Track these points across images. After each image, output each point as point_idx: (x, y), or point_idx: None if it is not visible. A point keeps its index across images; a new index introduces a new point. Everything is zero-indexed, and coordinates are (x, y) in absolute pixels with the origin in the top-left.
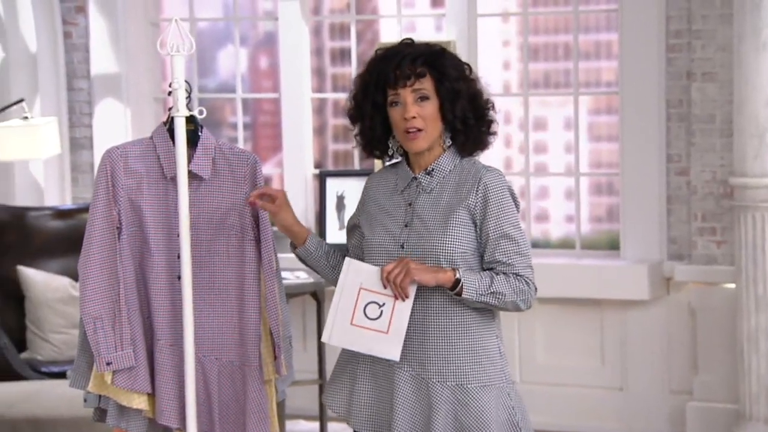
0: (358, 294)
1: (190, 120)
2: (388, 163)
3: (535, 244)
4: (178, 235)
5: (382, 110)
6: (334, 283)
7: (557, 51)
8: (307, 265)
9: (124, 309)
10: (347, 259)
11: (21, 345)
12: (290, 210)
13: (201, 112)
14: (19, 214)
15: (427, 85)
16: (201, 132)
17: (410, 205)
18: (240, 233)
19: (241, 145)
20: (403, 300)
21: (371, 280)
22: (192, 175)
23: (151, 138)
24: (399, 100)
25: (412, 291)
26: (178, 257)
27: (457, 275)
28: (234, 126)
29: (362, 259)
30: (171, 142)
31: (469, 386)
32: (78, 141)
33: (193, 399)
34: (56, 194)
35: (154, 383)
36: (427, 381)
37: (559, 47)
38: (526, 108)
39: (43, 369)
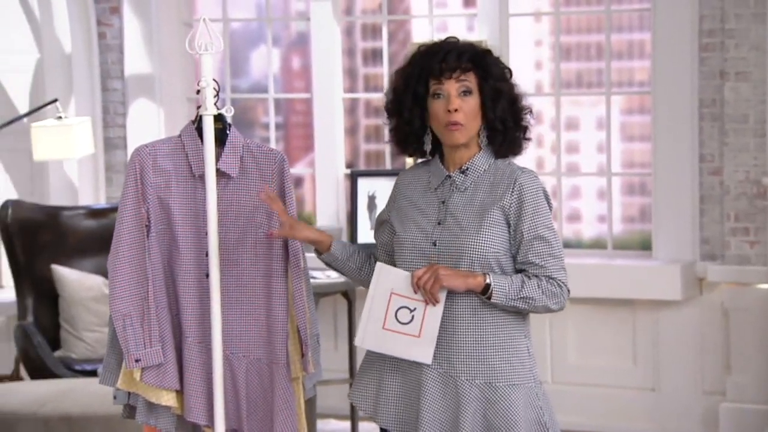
0: (390, 299)
1: (219, 118)
2: (420, 161)
3: (567, 245)
4: (206, 233)
5: (422, 103)
6: (362, 284)
7: (590, 51)
8: (333, 269)
9: (153, 306)
10: (378, 264)
11: (55, 343)
12: (303, 225)
13: (229, 111)
14: (54, 213)
15: (471, 80)
16: (229, 130)
17: (443, 203)
18: (267, 231)
19: (273, 145)
20: (434, 305)
21: (402, 285)
22: (220, 174)
23: (180, 136)
24: (442, 92)
25: (442, 296)
26: (206, 255)
27: (488, 280)
28: (266, 126)
29: (393, 256)
30: (199, 141)
31: (497, 385)
32: (112, 141)
33: (221, 396)
34: (90, 194)
35: (182, 380)
36: (455, 379)
37: (591, 47)
38: (558, 108)
39: (77, 367)
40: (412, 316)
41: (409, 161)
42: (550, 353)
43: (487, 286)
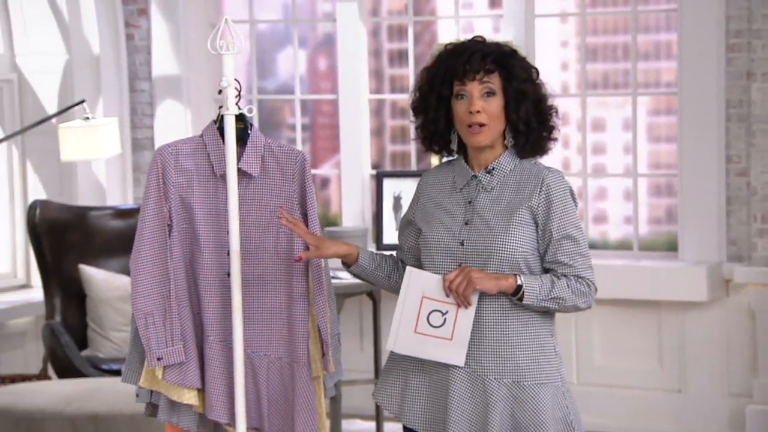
0: (421, 303)
1: (240, 118)
2: (444, 160)
3: (593, 246)
4: (228, 232)
5: (447, 103)
6: (391, 291)
7: (616, 51)
8: (362, 279)
9: (175, 305)
10: (408, 268)
11: (82, 343)
12: (329, 242)
13: (250, 111)
14: (81, 213)
15: (494, 81)
16: (250, 130)
17: (470, 202)
18: (288, 231)
19: (299, 146)
20: (466, 308)
21: (433, 289)
22: (241, 173)
23: (202, 136)
24: (465, 93)
25: (474, 298)
26: (228, 254)
27: (519, 281)
28: (293, 127)
29: (420, 257)
30: (221, 140)
31: (525, 384)
32: (139, 142)
33: (243, 395)
34: (118, 194)
35: (204, 379)
36: (483, 378)
37: (617, 48)
38: (584, 109)
39: (104, 366)
40: (444, 320)
41: (435, 160)
42: (576, 354)
43: (519, 288)
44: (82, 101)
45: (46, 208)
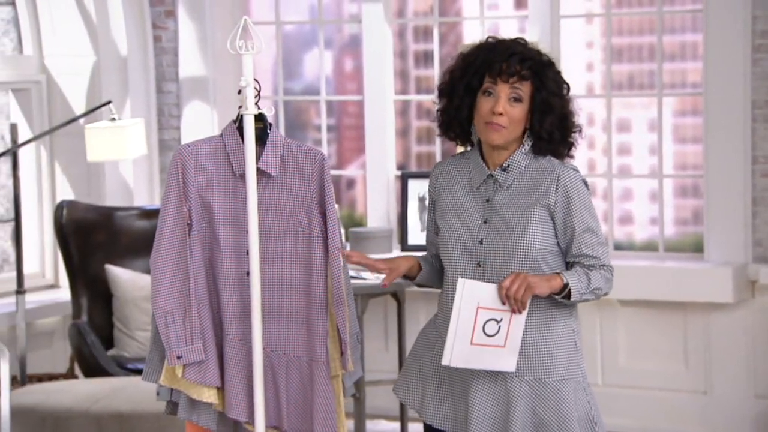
0: (476, 313)
1: (259, 118)
2: (459, 150)
3: (619, 247)
4: (247, 232)
5: (474, 94)
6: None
7: (641, 52)
8: (425, 286)
9: (194, 304)
10: (460, 280)
11: (109, 342)
12: (397, 262)
13: (270, 111)
14: (107, 214)
15: (525, 88)
16: (270, 130)
17: (488, 201)
18: (307, 230)
19: (325, 147)
20: (520, 313)
21: (488, 298)
22: (261, 173)
23: (221, 136)
24: (493, 91)
25: (527, 303)
26: (247, 253)
27: (564, 280)
28: (318, 128)
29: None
30: (240, 140)
31: (547, 380)
32: (166, 143)
33: (262, 393)
34: (145, 195)
35: (223, 377)
36: (504, 375)
37: (643, 48)
38: (609, 109)
39: (129, 365)
40: (499, 327)
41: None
42: (601, 355)
43: (565, 286)
44: (109, 102)
45: (72, 208)
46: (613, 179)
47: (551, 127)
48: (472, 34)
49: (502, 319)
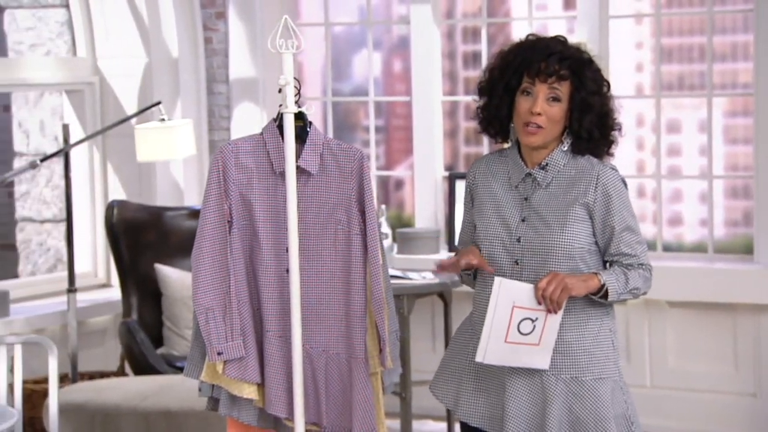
0: (512, 312)
1: (299, 116)
2: (496, 148)
3: (668, 248)
4: (287, 229)
5: (512, 94)
6: None
7: (691, 52)
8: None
9: (235, 301)
10: (497, 278)
11: (158, 341)
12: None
13: (309, 109)
14: (157, 213)
15: (563, 88)
16: (309, 128)
17: (526, 199)
18: (347, 227)
19: (373, 148)
20: (556, 313)
21: (524, 298)
22: (300, 171)
23: (262, 134)
24: (532, 91)
25: (564, 303)
26: (287, 250)
27: (602, 281)
28: (367, 129)
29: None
30: (280, 138)
31: (584, 379)
32: (217, 143)
33: (301, 390)
34: (195, 195)
35: (263, 373)
36: (540, 374)
37: (693, 49)
38: (658, 110)
39: (178, 364)
40: (534, 326)
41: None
42: (649, 357)
43: (602, 286)
44: (158, 103)
45: (123, 208)
46: (662, 180)
47: (590, 125)
48: (521, 35)
49: (537, 319)
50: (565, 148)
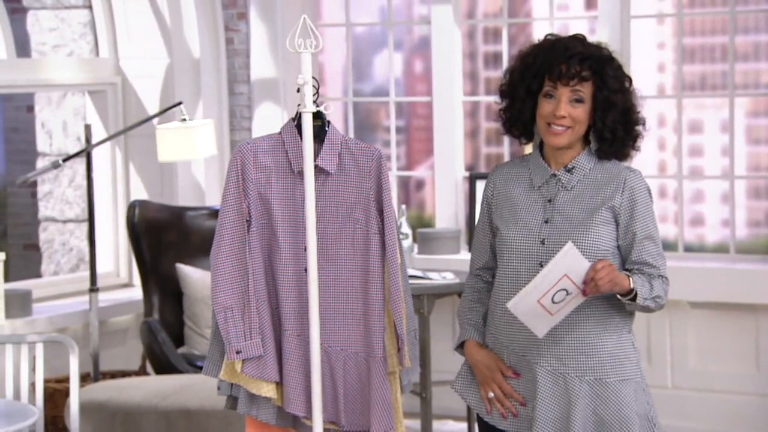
0: (560, 279)
1: (318, 116)
2: (518, 149)
3: (690, 248)
4: (305, 229)
5: (534, 97)
6: None
7: (714, 52)
8: None
9: (253, 299)
10: (570, 244)
11: (179, 340)
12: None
13: (327, 108)
14: (178, 213)
15: (586, 89)
16: (327, 127)
17: (550, 201)
18: (365, 227)
19: (394, 148)
20: (587, 296)
21: (578, 272)
22: (319, 170)
23: (280, 133)
24: (554, 94)
25: None
26: (305, 249)
27: (632, 284)
28: (388, 129)
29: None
30: (299, 138)
31: (607, 380)
32: (238, 144)
33: (319, 389)
34: (216, 195)
35: (282, 372)
36: (564, 376)
37: (715, 49)
38: (680, 110)
39: (198, 363)
40: (564, 299)
41: (529, 150)
42: (671, 358)
43: (631, 290)
44: (179, 103)
45: (144, 208)
46: (684, 181)
47: (614, 123)
48: (542, 35)
49: (570, 294)
50: (591, 152)
